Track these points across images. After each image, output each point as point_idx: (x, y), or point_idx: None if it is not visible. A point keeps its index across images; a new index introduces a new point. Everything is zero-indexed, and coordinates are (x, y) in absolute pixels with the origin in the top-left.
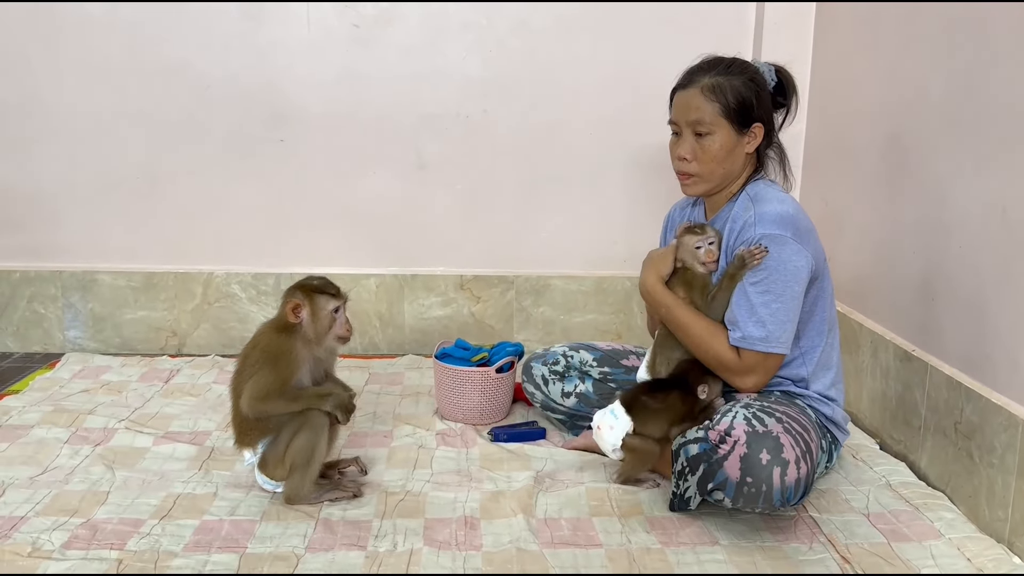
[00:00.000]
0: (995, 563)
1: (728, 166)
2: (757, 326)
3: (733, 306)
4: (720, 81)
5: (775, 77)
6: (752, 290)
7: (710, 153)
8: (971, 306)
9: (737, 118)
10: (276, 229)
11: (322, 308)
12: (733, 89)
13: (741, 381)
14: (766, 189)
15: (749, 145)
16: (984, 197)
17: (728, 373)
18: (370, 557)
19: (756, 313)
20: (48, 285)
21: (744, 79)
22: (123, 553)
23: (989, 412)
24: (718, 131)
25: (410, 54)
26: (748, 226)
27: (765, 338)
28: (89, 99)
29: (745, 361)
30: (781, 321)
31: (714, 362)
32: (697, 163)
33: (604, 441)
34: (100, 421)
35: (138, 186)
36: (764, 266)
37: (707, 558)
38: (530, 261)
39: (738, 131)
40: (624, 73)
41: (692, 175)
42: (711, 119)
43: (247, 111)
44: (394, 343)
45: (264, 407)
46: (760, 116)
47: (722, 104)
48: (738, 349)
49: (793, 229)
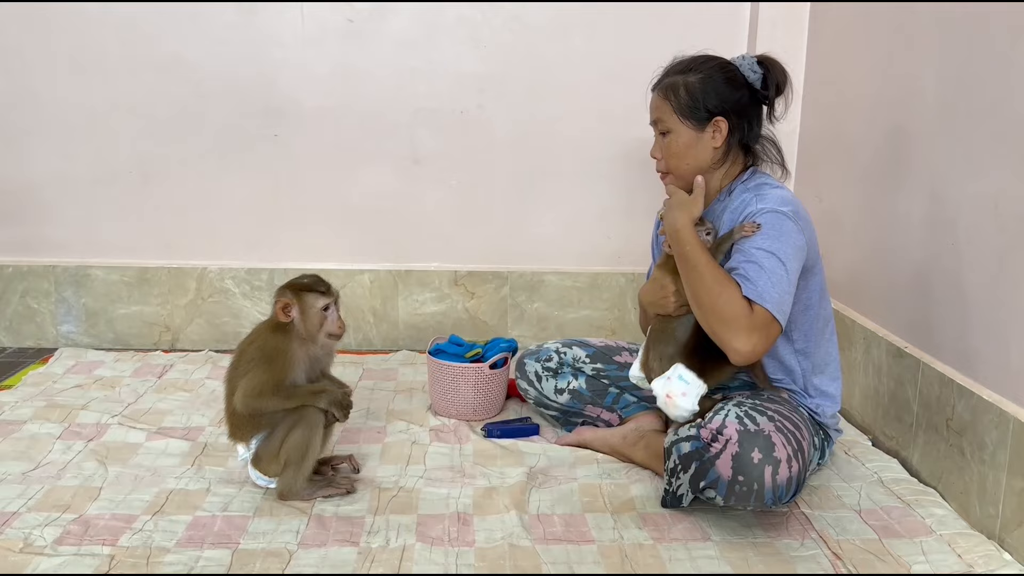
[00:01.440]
0: (985, 559)
1: (693, 161)
2: (769, 286)
3: (740, 265)
4: (674, 80)
5: (758, 69)
6: (759, 253)
7: (671, 150)
8: (964, 303)
9: (690, 115)
10: (270, 224)
11: (311, 306)
12: (686, 87)
13: (743, 341)
14: (765, 180)
15: (714, 139)
16: (977, 193)
17: (732, 329)
18: (363, 553)
19: (765, 273)
20: (41, 280)
21: (701, 76)
22: (115, 549)
23: (980, 409)
24: (676, 128)
25: (404, 49)
26: (749, 205)
27: (778, 301)
28: (82, 92)
29: (755, 318)
30: (785, 291)
31: (722, 312)
32: (664, 160)
33: (680, 408)
34: (93, 416)
35: (131, 180)
36: (770, 233)
37: (699, 554)
38: (524, 257)
39: (696, 127)
40: (620, 68)
41: (665, 173)
42: (667, 118)
43: (241, 105)
44: (388, 339)
45: (258, 405)
46: (720, 110)
47: (674, 102)
48: (750, 303)
49: (793, 212)
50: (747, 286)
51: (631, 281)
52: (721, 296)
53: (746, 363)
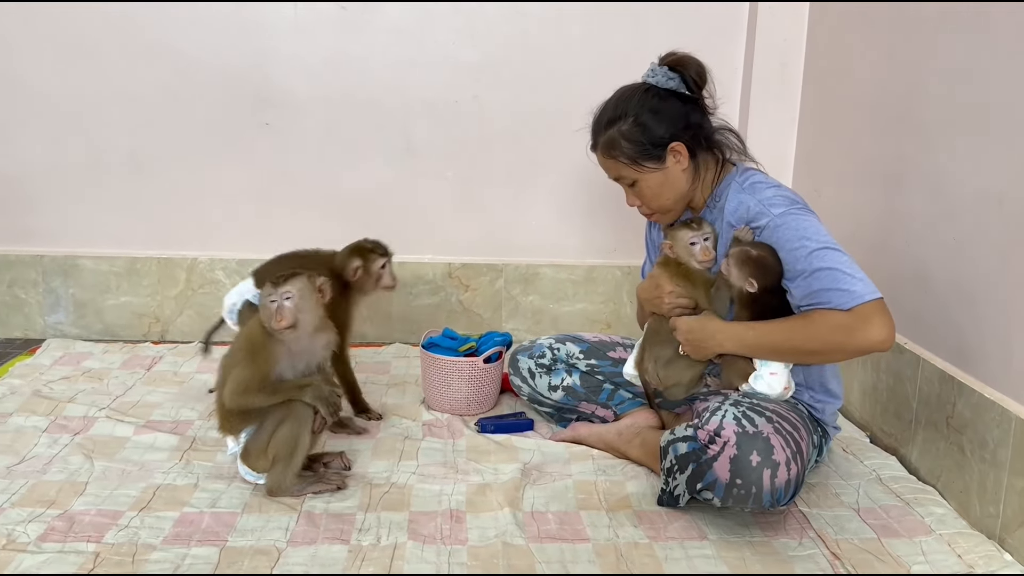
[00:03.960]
0: (986, 560)
1: (672, 194)
2: (849, 280)
3: (811, 284)
4: (611, 135)
5: (672, 75)
6: (816, 259)
7: (647, 195)
8: (965, 299)
9: (644, 158)
10: (261, 214)
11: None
12: (624, 136)
13: (867, 335)
14: (756, 175)
15: (680, 163)
16: (980, 187)
17: (850, 335)
18: (353, 551)
19: (838, 271)
20: (29, 269)
21: (631, 120)
22: (100, 546)
23: (982, 407)
24: (639, 177)
25: (399, 37)
26: (759, 214)
27: (864, 287)
28: (71, 80)
29: (862, 315)
30: (857, 268)
31: (834, 337)
32: (646, 206)
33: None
34: (80, 409)
35: (121, 169)
36: (801, 236)
37: (695, 553)
38: (520, 249)
39: (656, 164)
40: (617, 58)
41: (651, 214)
42: (625, 172)
43: (233, 93)
44: (381, 331)
45: (244, 401)
46: (669, 136)
47: (622, 156)
48: (849, 311)
49: (803, 205)
50: (834, 301)
51: (627, 274)
52: (819, 331)
53: (891, 345)
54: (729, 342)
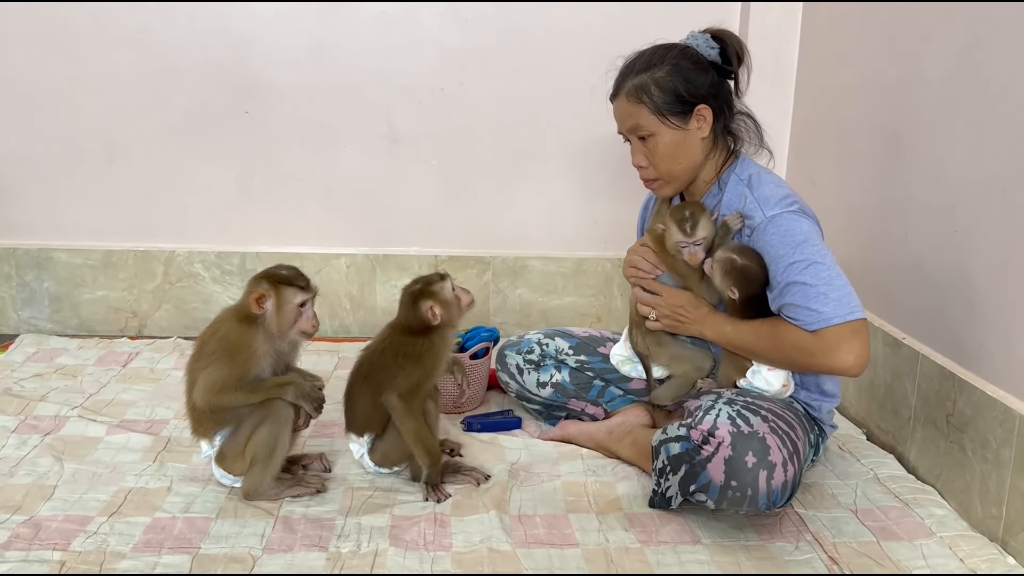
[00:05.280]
0: (988, 564)
1: (686, 160)
2: (820, 300)
3: (783, 297)
4: (643, 80)
5: (714, 44)
6: (793, 271)
7: (660, 154)
8: (966, 293)
9: (671, 111)
10: (241, 206)
11: (288, 301)
12: (657, 84)
13: (830, 361)
14: (757, 170)
15: (701, 130)
16: (983, 177)
17: (811, 357)
18: (332, 559)
19: (813, 289)
20: (1, 263)
21: (667, 68)
22: (67, 554)
23: (984, 405)
24: (658, 130)
25: (382, 22)
26: (752, 212)
27: (836, 309)
28: (44, 67)
29: (827, 339)
30: (840, 285)
31: (797, 356)
32: (653, 167)
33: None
34: (52, 408)
35: (96, 159)
36: (789, 243)
37: (688, 558)
38: (507, 241)
39: (680, 123)
40: (609, 44)
41: (655, 179)
42: (645, 121)
43: (211, 81)
44: (366, 326)
45: (219, 401)
46: (700, 97)
47: (648, 104)
48: (814, 332)
49: (799, 206)
50: (800, 321)
51: (618, 267)
52: (782, 348)
53: (862, 371)
54: (710, 331)
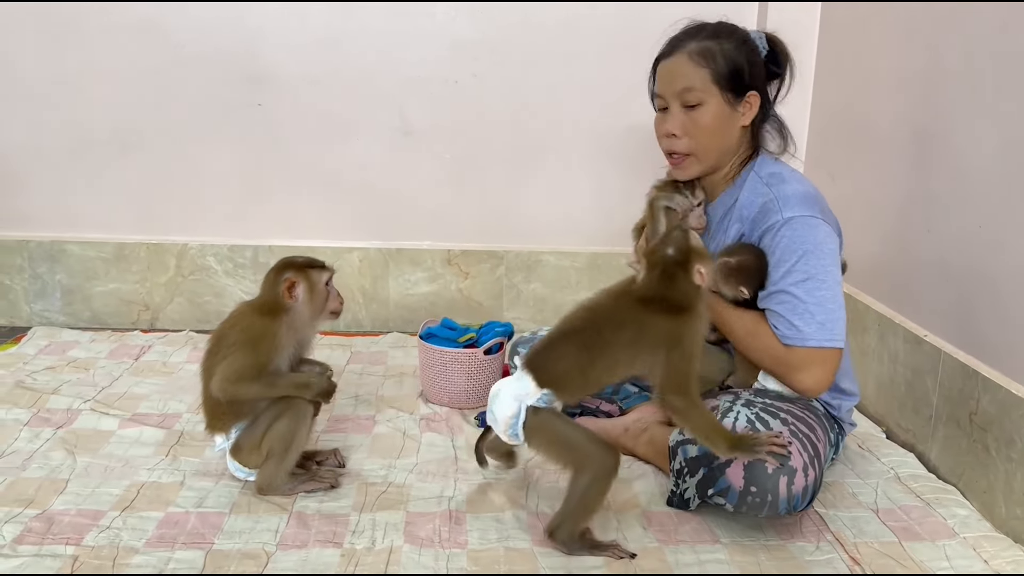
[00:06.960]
0: (1014, 565)
1: (722, 141)
2: (805, 317)
3: (771, 302)
4: (710, 45)
5: (766, 44)
6: (789, 280)
7: (702, 126)
8: (992, 289)
9: (730, 85)
10: (254, 199)
11: (318, 283)
12: (724, 53)
13: (792, 378)
14: (778, 168)
15: (744, 117)
16: (1008, 169)
17: (777, 367)
18: (346, 555)
19: (801, 304)
20: (14, 255)
21: (735, 43)
22: (79, 549)
23: (1009, 404)
24: (710, 100)
25: (395, 13)
26: (770, 211)
27: (817, 331)
28: (55, 58)
29: (795, 357)
30: (831, 309)
31: (766, 362)
32: (688, 139)
33: None
34: (64, 401)
35: (108, 151)
36: (797, 250)
37: (707, 558)
38: (521, 235)
39: (732, 101)
40: (624, 36)
41: (684, 154)
42: (702, 86)
43: (223, 72)
44: (378, 320)
45: (237, 391)
46: (754, 84)
47: (712, 69)
48: (786, 346)
49: (820, 209)
50: (782, 331)
51: None
52: (754, 347)
53: (815, 396)
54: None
